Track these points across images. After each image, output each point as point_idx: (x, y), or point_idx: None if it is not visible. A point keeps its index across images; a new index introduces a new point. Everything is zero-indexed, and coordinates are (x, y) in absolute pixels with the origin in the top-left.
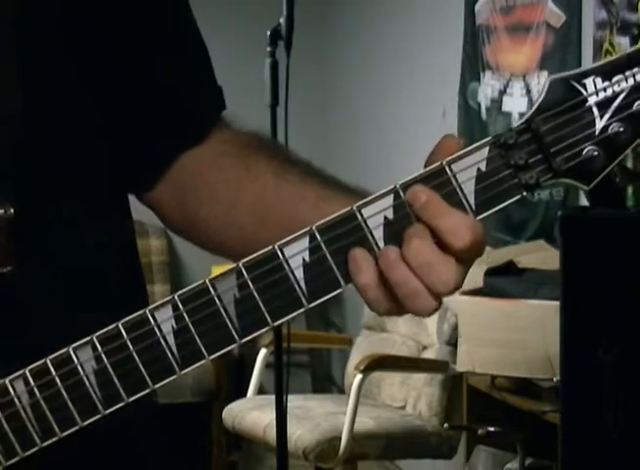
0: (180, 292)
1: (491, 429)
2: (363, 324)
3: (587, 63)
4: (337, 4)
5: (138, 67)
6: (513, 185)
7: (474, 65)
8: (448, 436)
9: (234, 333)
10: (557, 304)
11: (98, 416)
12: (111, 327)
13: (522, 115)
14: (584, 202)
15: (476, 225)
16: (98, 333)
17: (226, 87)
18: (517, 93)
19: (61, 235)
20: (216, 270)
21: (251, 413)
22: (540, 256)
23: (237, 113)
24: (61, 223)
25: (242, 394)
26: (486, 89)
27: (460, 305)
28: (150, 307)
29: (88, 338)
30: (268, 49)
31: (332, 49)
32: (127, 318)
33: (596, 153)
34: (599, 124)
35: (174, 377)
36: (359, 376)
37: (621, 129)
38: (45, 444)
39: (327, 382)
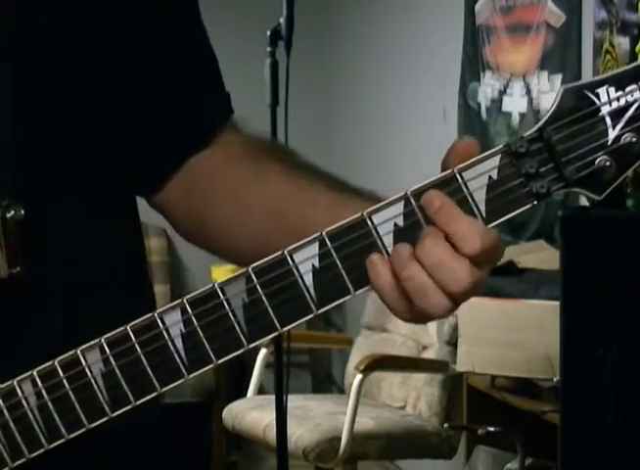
0: (189, 296)
1: (491, 429)
2: (363, 324)
3: (587, 63)
4: (337, 4)
5: (143, 69)
6: (524, 194)
7: (474, 65)
8: (448, 436)
9: (242, 338)
10: (557, 304)
11: (105, 419)
12: (119, 330)
13: (522, 115)
14: (584, 202)
15: (487, 232)
16: (106, 335)
17: (226, 87)
18: (517, 93)
19: (70, 236)
20: (215, 270)
21: (251, 413)
22: (540, 256)
23: (237, 113)
24: (71, 225)
25: (242, 394)
26: (486, 89)
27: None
28: (159, 311)
29: (97, 340)
30: (268, 49)
31: (332, 49)
32: (136, 321)
33: (608, 163)
34: (612, 134)
35: (182, 381)
36: (359, 376)
37: (634, 139)
38: (52, 445)
39: (327, 382)
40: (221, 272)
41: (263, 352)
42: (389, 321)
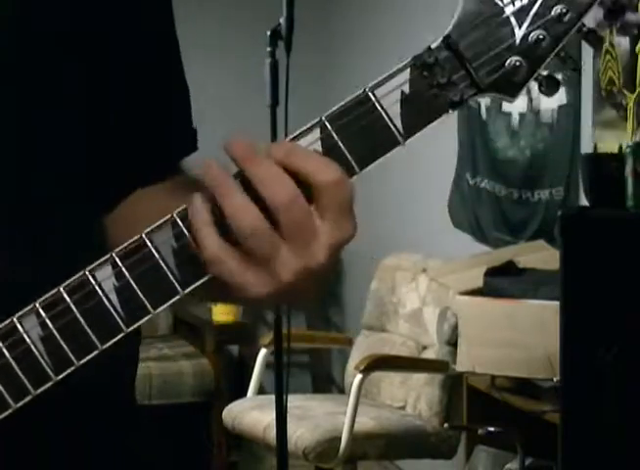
0: (117, 249)
1: (491, 429)
2: (363, 324)
3: (587, 63)
4: (337, 4)
5: (110, 100)
6: (438, 104)
7: None
8: (448, 436)
9: (176, 284)
10: (557, 304)
11: (50, 383)
12: (52, 292)
13: (522, 115)
14: (584, 202)
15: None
16: (40, 299)
17: (226, 87)
18: None
19: (67, 237)
20: None
21: (251, 413)
22: (540, 256)
23: (237, 113)
24: (67, 225)
25: (242, 394)
26: None
27: (460, 305)
28: (89, 268)
29: (31, 305)
30: (268, 49)
31: (332, 49)
32: (68, 281)
33: (518, 63)
34: (518, 34)
35: (122, 335)
36: (359, 376)
37: (541, 36)
38: None
39: (327, 382)
40: None
41: (263, 351)
42: (389, 321)
